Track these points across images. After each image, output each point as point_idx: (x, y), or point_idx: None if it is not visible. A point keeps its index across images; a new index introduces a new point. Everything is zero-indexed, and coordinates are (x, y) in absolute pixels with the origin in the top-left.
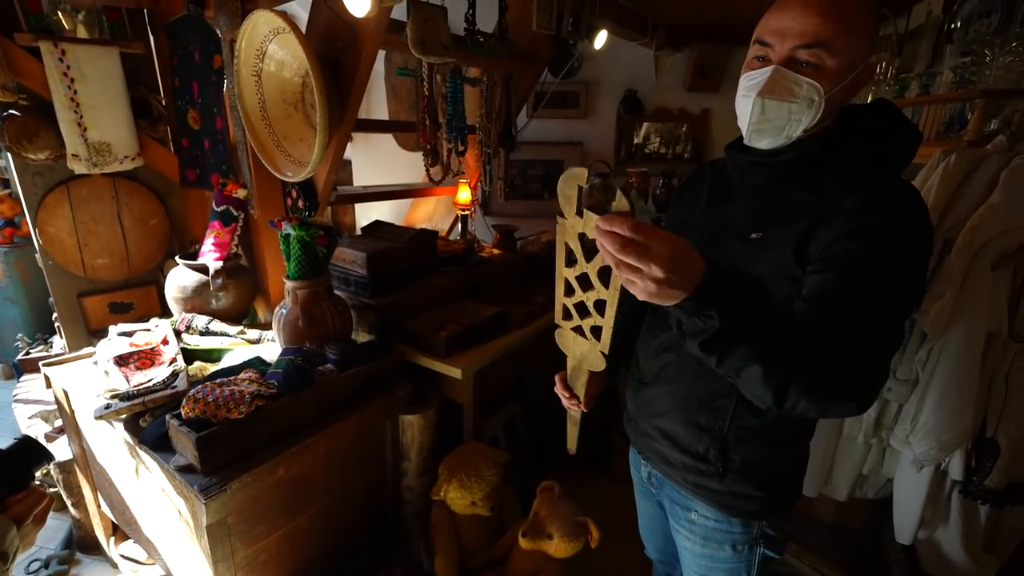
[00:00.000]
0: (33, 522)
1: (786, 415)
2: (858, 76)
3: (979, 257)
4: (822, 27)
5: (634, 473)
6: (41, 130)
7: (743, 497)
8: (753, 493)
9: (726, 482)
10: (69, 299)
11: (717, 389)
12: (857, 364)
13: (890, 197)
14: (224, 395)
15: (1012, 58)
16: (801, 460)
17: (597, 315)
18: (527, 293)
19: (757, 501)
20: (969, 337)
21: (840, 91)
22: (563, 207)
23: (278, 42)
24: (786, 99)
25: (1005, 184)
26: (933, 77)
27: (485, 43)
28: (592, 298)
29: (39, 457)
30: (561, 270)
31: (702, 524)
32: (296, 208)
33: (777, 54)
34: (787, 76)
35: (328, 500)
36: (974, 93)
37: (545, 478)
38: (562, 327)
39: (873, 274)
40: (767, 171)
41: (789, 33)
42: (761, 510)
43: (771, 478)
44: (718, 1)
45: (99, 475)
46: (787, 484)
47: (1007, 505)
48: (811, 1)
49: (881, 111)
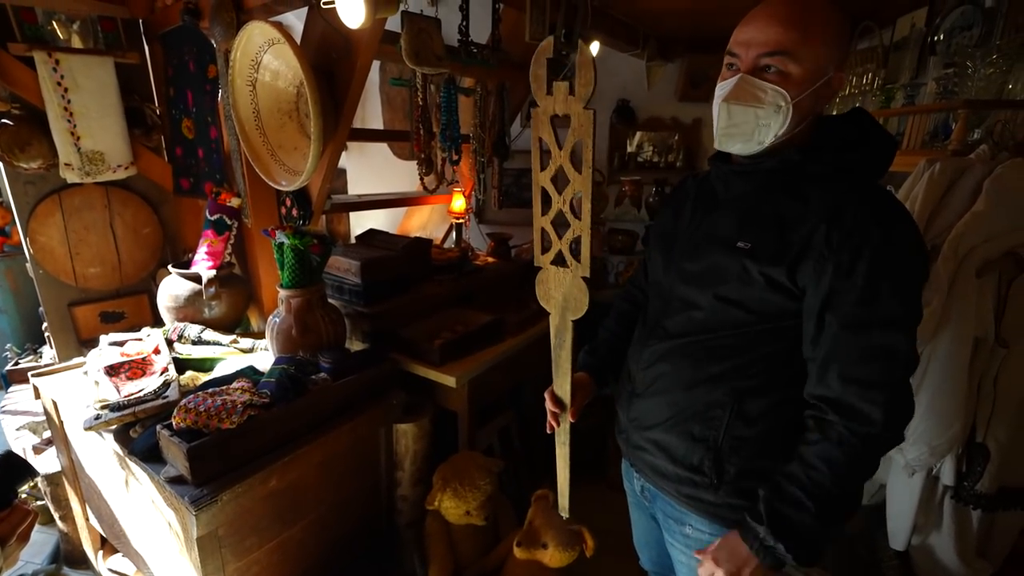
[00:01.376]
0: (17, 540)
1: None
2: (827, 83)
3: (964, 264)
4: (784, 36)
5: (627, 485)
6: (33, 139)
7: (739, 509)
8: (748, 505)
9: (721, 494)
10: (60, 308)
11: (711, 400)
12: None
13: (877, 213)
14: (216, 405)
15: (993, 70)
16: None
17: (574, 218)
18: (521, 301)
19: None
20: (957, 343)
21: (808, 97)
22: (535, 93)
23: (273, 52)
24: (752, 104)
25: (988, 192)
26: (918, 88)
27: (479, 54)
28: (568, 196)
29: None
30: (537, 178)
31: (696, 538)
32: (290, 217)
33: (744, 63)
34: (752, 83)
35: (321, 511)
36: (957, 104)
37: (540, 487)
38: (544, 267)
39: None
40: (751, 180)
41: (753, 43)
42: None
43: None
44: (708, 14)
45: (88, 487)
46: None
47: (998, 510)
48: (773, 12)
49: (856, 119)
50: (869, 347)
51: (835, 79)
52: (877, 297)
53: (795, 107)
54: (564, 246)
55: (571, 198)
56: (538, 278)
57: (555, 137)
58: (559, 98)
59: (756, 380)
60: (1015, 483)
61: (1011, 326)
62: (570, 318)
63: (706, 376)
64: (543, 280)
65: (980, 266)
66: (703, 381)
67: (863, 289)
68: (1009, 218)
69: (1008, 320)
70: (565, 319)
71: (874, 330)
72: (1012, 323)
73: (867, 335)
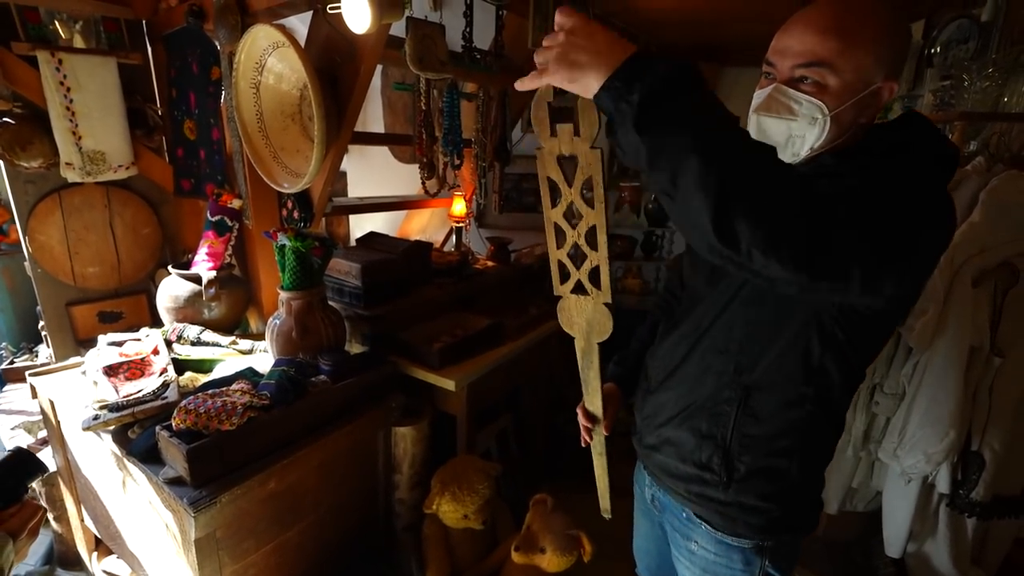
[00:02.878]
0: (27, 535)
1: (735, 262)
2: (874, 92)
3: (960, 274)
4: (820, 45)
5: (637, 491)
6: (35, 138)
7: (749, 509)
8: (759, 505)
9: (731, 492)
10: (58, 308)
11: (718, 395)
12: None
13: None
14: (216, 406)
15: (989, 83)
16: (812, 479)
17: (591, 250)
18: (521, 305)
19: (763, 515)
20: (953, 352)
21: (850, 108)
22: (539, 135)
23: (277, 55)
24: (784, 116)
25: (984, 204)
26: (915, 100)
27: (482, 60)
28: (583, 230)
29: (34, 469)
30: (549, 215)
31: (702, 556)
32: (291, 219)
33: (780, 73)
34: (786, 93)
35: (319, 513)
36: (953, 115)
37: (538, 491)
38: (564, 296)
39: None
40: None
41: (789, 52)
42: (768, 525)
43: (779, 488)
44: (707, 23)
45: (83, 488)
46: (797, 501)
47: (993, 518)
48: (811, 20)
49: (906, 123)
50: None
51: (884, 88)
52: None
53: (834, 119)
54: (583, 276)
55: (585, 231)
56: (560, 306)
57: (563, 175)
58: (564, 139)
59: (765, 376)
60: (1009, 492)
61: (1006, 335)
62: (595, 340)
63: (713, 370)
64: (564, 308)
65: (976, 276)
66: (710, 372)
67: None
68: (1005, 229)
69: (1003, 329)
70: (591, 342)
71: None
72: (1007, 332)
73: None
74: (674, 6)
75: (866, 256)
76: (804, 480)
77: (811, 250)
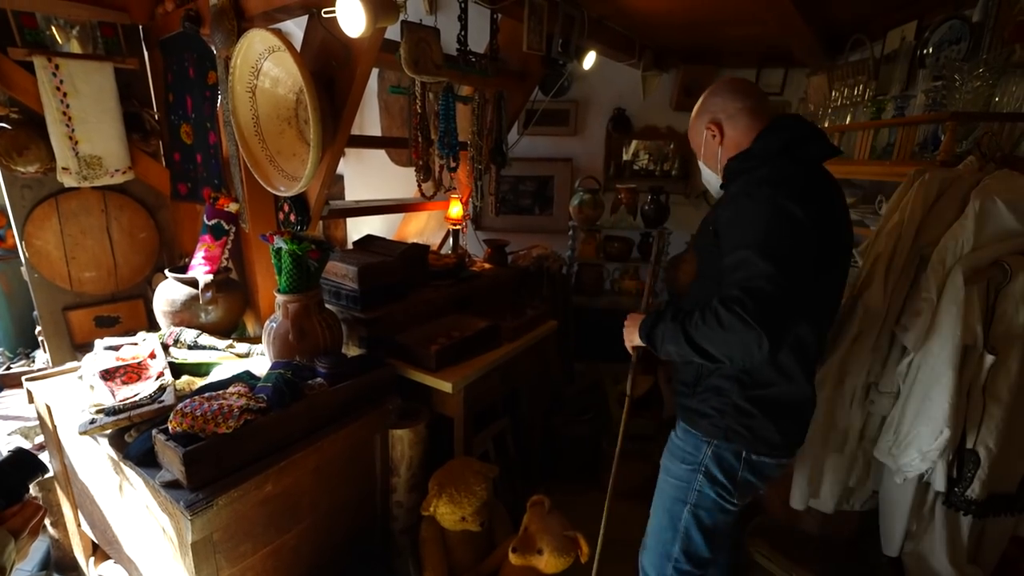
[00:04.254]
0: (28, 534)
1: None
2: (708, 138)
3: (953, 273)
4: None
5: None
6: (31, 143)
7: (702, 414)
8: (709, 411)
9: (694, 400)
10: (54, 312)
11: None
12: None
13: (746, 191)
14: (212, 409)
15: (980, 83)
16: (753, 406)
17: None
18: (518, 307)
19: (710, 419)
20: (946, 350)
21: (705, 155)
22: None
23: (273, 60)
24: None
25: (975, 203)
26: (907, 100)
27: (477, 63)
28: None
29: (34, 469)
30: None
31: (674, 443)
32: (288, 222)
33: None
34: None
35: (316, 516)
36: (945, 115)
37: (535, 492)
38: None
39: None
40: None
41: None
42: (712, 429)
43: (726, 404)
44: (702, 26)
45: (80, 492)
46: (739, 419)
47: (989, 516)
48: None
49: (748, 156)
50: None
51: (707, 131)
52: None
53: (706, 164)
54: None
55: None
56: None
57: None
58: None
59: None
60: (1005, 489)
61: (999, 333)
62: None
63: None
64: None
65: (968, 275)
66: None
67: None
68: (995, 228)
69: (996, 328)
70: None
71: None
72: (1000, 330)
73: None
74: (667, 9)
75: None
76: (750, 406)
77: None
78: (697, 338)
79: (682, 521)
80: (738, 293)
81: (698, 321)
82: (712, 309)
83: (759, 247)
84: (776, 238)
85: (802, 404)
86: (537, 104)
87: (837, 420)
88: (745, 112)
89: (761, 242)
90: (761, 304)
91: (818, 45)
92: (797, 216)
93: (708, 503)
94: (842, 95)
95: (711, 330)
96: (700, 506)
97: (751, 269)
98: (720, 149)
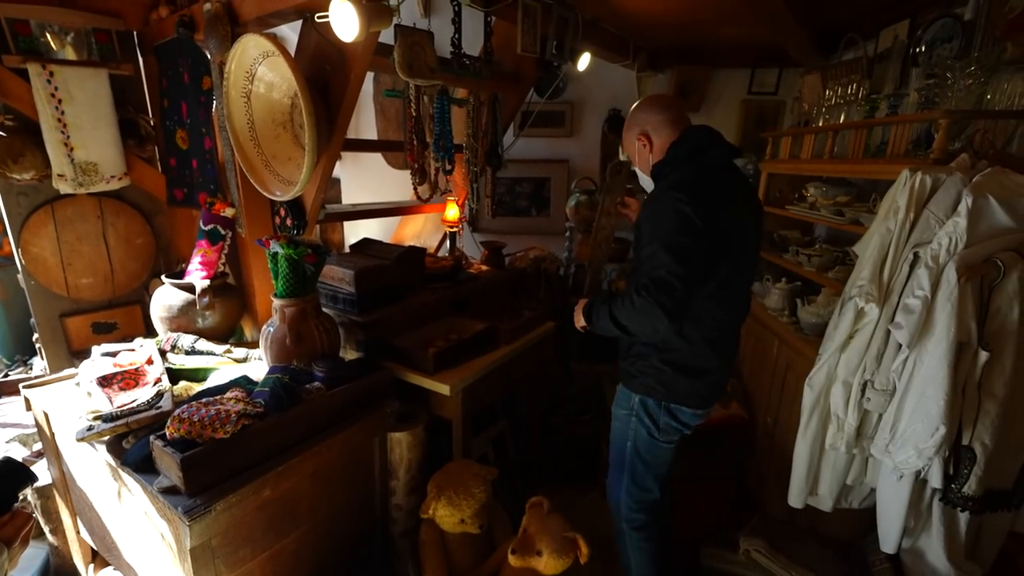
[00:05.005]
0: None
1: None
2: (640, 148)
3: (946, 270)
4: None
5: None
6: (27, 150)
7: (631, 374)
8: (635, 372)
9: (627, 364)
10: (51, 319)
11: None
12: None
13: (656, 195)
14: (210, 414)
15: (971, 81)
16: (672, 368)
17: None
18: (515, 309)
19: (636, 379)
20: (941, 347)
21: (639, 162)
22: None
23: (267, 65)
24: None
25: (968, 200)
26: (901, 98)
27: (471, 65)
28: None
29: (24, 478)
30: None
31: (618, 396)
32: (284, 226)
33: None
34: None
35: (315, 521)
36: (938, 113)
37: (534, 494)
38: None
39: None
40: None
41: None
42: (639, 387)
43: (647, 366)
44: (695, 26)
45: (79, 500)
46: (657, 377)
47: (985, 512)
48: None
49: (661, 169)
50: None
51: (639, 141)
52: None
53: (640, 169)
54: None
55: None
56: None
57: None
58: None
59: None
60: (1001, 485)
61: (993, 330)
62: None
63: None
64: None
65: (962, 272)
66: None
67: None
68: (988, 225)
69: (991, 324)
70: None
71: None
72: (994, 327)
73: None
74: (660, 10)
75: (669, 307)
76: (659, 363)
77: (640, 325)
78: (619, 317)
79: (627, 453)
80: (646, 281)
81: (619, 304)
82: (629, 294)
83: (662, 241)
84: (675, 235)
85: (704, 366)
86: (532, 106)
87: (834, 418)
88: (667, 123)
89: (663, 238)
90: (662, 290)
91: (812, 44)
92: (690, 216)
93: (643, 440)
94: (836, 94)
95: (627, 311)
96: (637, 442)
97: (656, 260)
98: (650, 156)
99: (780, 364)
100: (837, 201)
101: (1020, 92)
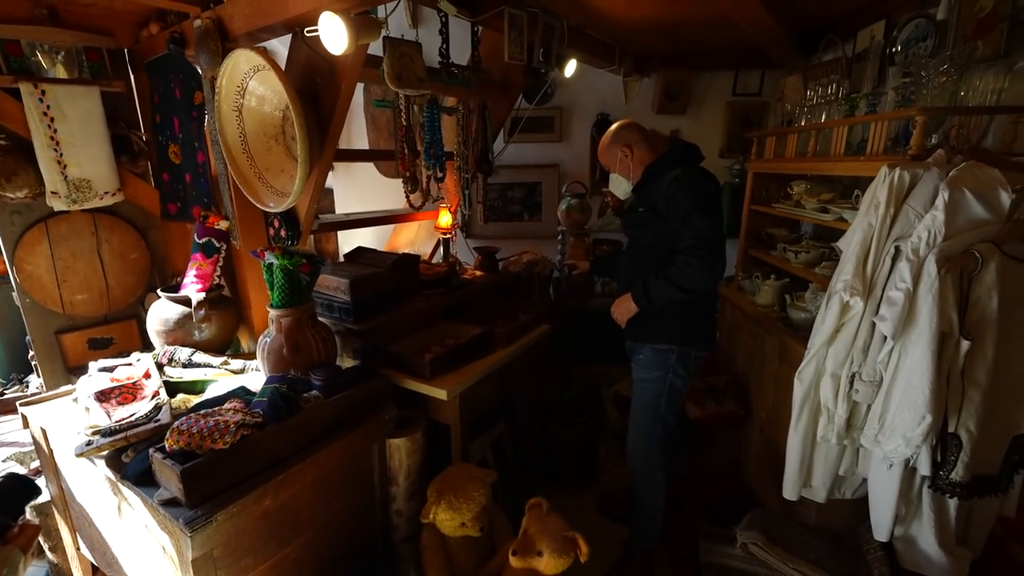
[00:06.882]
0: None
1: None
2: (622, 157)
3: (927, 263)
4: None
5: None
6: (20, 169)
7: (664, 328)
8: (664, 329)
9: (659, 325)
10: (47, 336)
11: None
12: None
13: (680, 181)
14: (209, 426)
15: (945, 78)
16: (698, 315)
17: None
18: (510, 312)
19: (672, 331)
20: (924, 338)
21: (620, 168)
22: None
23: (258, 78)
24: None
25: (945, 194)
26: (879, 97)
27: (459, 74)
28: None
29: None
30: None
31: (645, 362)
32: (278, 237)
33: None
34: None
35: (316, 529)
36: (914, 111)
37: (533, 495)
38: None
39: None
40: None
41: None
42: (674, 337)
43: (677, 320)
44: (678, 30)
45: (78, 516)
46: (690, 325)
47: (973, 497)
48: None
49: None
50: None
51: (622, 152)
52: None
53: (620, 174)
54: None
55: None
56: None
57: None
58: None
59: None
60: (988, 471)
61: (974, 320)
62: None
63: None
64: None
65: (941, 264)
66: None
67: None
68: (965, 217)
69: (971, 314)
70: None
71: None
72: (975, 317)
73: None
74: (642, 16)
75: (716, 258)
76: (690, 313)
77: (701, 280)
78: (679, 282)
79: (660, 408)
80: (694, 242)
81: (675, 270)
82: (682, 259)
83: (697, 209)
84: (704, 204)
85: (714, 307)
86: (522, 112)
87: (824, 410)
88: (643, 139)
89: (697, 207)
90: (711, 245)
91: (792, 46)
92: (710, 190)
93: (675, 390)
94: (817, 94)
95: (687, 272)
96: (671, 394)
97: (698, 224)
98: (631, 164)
99: (772, 359)
100: (821, 198)
101: (992, 88)
